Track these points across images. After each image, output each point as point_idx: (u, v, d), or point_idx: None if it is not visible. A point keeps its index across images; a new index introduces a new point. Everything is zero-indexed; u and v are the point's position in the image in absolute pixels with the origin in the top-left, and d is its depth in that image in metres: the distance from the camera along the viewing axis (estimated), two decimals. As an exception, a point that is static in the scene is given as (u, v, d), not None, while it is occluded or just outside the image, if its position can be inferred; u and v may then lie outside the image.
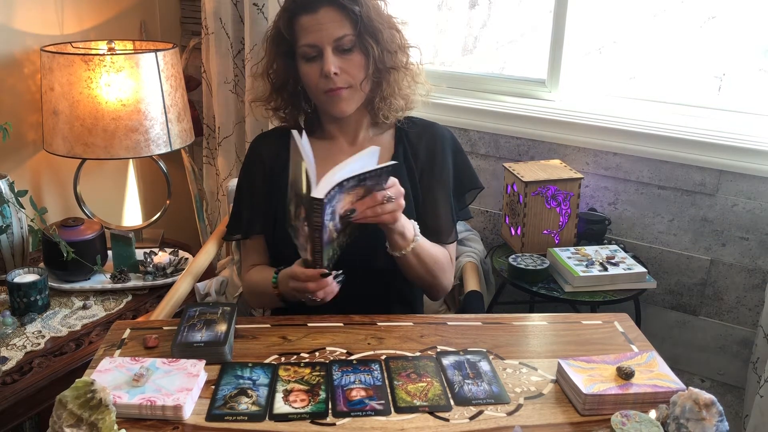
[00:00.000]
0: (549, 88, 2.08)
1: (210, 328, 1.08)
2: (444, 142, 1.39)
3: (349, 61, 1.25)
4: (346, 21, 1.23)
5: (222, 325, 1.09)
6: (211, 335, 1.07)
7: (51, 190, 2.19)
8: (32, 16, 2.03)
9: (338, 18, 1.23)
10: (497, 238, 2.12)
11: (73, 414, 0.80)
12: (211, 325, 1.09)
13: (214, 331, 1.08)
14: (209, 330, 1.08)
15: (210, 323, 1.10)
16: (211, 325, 1.09)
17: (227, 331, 1.07)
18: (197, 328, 1.09)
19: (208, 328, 1.09)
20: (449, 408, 0.95)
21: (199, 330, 1.08)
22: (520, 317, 1.22)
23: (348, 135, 1.37)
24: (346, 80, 1.25)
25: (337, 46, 1.24)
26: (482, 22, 2.34)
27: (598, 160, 1.94)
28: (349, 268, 1.17)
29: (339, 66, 1.24)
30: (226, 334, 1.07)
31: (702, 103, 1.94)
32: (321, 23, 1.23)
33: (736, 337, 1.88)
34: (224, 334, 1.07)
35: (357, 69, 1.26)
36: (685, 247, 1.89)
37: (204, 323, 1.10)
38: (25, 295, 1.60)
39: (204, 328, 1.09)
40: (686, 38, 2.00)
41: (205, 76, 2.36)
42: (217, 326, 1.09)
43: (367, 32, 1.25)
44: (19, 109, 2.03)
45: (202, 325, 1.09)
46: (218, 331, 1.07)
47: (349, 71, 1.25)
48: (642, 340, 1.13)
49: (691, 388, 0.87)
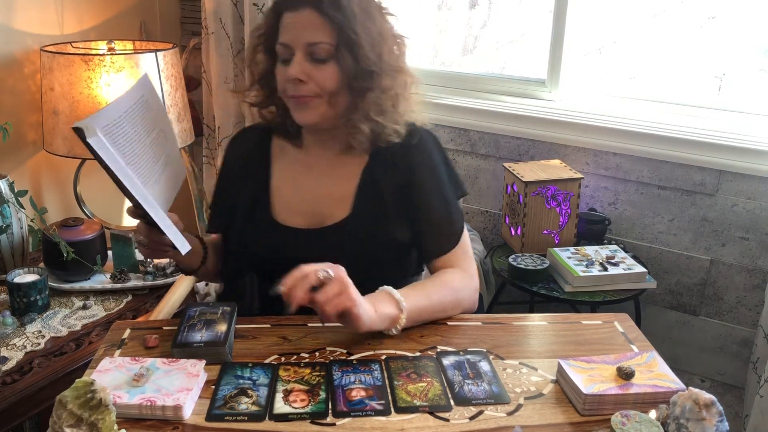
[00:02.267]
0: (549, 88, 2.08)
1: (210, 328, 1.08)
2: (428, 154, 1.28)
3: (321, 70, 1.15)
4: (326, 28, 1.14)
5: (222, 325, 1.09)
6: (211, 335, 1.07)
7: (51, 190, 2.19)
8: (32, 16, 2.03)
9: (318, 23, 1.14)
10: (497, 238, 2.12)
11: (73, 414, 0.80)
12: (211, 325, 1.09)
13: (214, 331, 1.08)
14: (209, 330, 1.08)
15: (210, 323, 1.10)
16: (211, 325, 1.09)
17: (227, 331, 1.07)
18: (197, 328, 1.09)
19: (208, 328, 1.09)
20: (449, 408, 0.95)
21: (199, 330, 1.08)
22: (520, 317, 1.22)
23: (323, 146, 1.28)
24: (312, 89, 1.16)
25: (310, 52, 1.15)
26: (482, 22, 2.34)
27: (598, 160, 1.94)
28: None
29: (308, 73, 1.15)
30: (226, 334, 1.07)
31: (702, 103, 1.94)
32: (299, 24, 1.15)
33: (736, 337, 1.88)
34: (224, 334, 1.07)
35: (328, 80, 1.16)
36: (685, 247, 1.89)
37: (204, 323, 1.10)
38: (25, 295, 1.60)
39: (204, 328, 1.09)
40: (686, 38, 2.00)
41: (205, 76, 2.36)
42: (217, 326, 1.09)
43: (345, 45, 1.15)
44: (19, 109, 2.03)
45: (202, 325, 1.09)
46: (218, 331, 1.07)
47: (318, 81, 1.15)
48: (642, 340, 1.13)
49: (691, 388, 0.87)
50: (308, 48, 1.15)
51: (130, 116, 1.08)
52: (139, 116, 1.11)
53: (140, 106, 1.11)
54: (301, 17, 1.15)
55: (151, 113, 1.14)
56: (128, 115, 1.08)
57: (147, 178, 1.11)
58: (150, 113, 1.13)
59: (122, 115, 1.06)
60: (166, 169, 1.20)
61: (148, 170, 1.12)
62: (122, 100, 1.08)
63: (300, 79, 1.15)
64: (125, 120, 1.07)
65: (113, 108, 1.06)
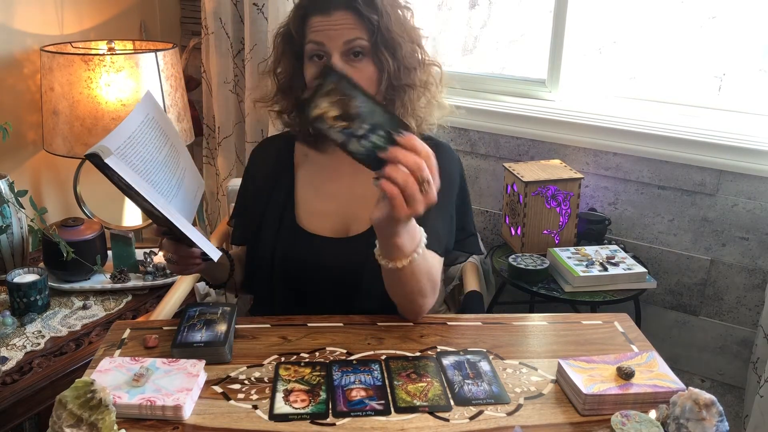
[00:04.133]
0: (549, 88, 2.08)
1: (210, 328, 1.08)
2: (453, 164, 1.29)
3: (358, 69, 1.15)
4: (361, 27, 1.14)
5: (222, 325, 1.09)
6: (211, 335, 1.07)
7: (51, 190, 2.19)
8: (32, 16, 2.03)
9: (353, 22, 1.14)
10: (497, 238, 2.12)
11: (73, 414, 0.80)
12: (211, 325, 1.09)
13: (214, 331, 1.08)
14: (209, 330, 1.08)
15: (210, 323, 1.10)
16: (211, 325, 1.09)
17: (227, 331, 1.07)
18: (197, 328, 1.09)
19: (208, 328, 1.09)
20: (449, 408, 0.95)
21: (199, 330, 1.08)
22: (520, 317, 1.22)
23: None
24: None
25: (347, 50, 1.14)
26: (482, 22, 2.34)
27: (598, 160, 1.94)
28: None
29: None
30: (226, 334, 1.07)
31: (702, 103, 1.94)
32: (333, 24, 1.14)
33: (736, 337, 1.88)
34: (224, 334, 1.07)
35: (366, 80, 1.15)
36: (685, 247, 1.89)
37: (204, 323, 1.10)
38: (24, 295, 1.60)
39: (204, 328, 1.09)
40: (686, 38, 2.00)
41: (205, 76, 2.36)
42: (217, 326, 1.09)
43: (383, 44, 1.15)
44: (19, 109, 2.03)
45: (202, 325, 1.09)
46: (218, 331, 1.07)
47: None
48: (642, 340, 1.13)
49: (691, 388, 0.87)
50: (345, 47, 1.14)
51: (140, 136, 1.07)
52: (149, 135, 1.10)
53: (148, 124, 1.09)
54: (335, 18, 1.14)
55: (160, 130, 1.12)
56: (138, 135, 1.06)
57: (166, 194, 1.10)
58: (158, 130, 1.12)
59: (131, 135, 1.05)
60: (182, 183, 1.18)
61: (166, 186, 1.11)
62: (129, 121, 1.07)
63: None
64: (135, 140, 1.05)
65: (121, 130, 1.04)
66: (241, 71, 2.26)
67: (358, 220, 1.24)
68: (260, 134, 2.24)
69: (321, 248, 1.24)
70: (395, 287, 1.10)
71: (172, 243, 1.14)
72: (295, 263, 1.25)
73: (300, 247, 1.25)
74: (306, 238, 1.25)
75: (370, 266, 1.09)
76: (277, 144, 1.36)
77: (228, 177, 2.35)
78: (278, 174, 1.31)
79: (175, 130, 1.18)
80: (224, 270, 1.31)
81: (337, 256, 1.23)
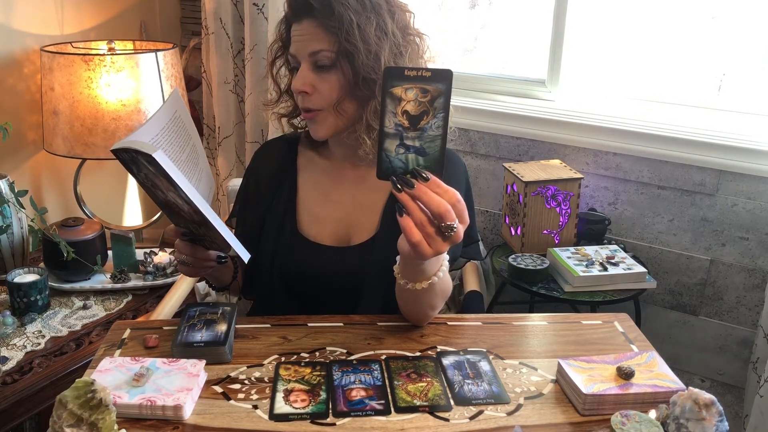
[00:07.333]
0: (549, 88, 2.08)
1: (210, 328, 1.08)
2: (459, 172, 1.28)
3: (324, 80, 1.13)
4: (326, 35, 1.12)
5: (222, 325, 1.09)
6: (211, 335, 1.07)
7: (51, 190, 2.19)
8: (32, 16, 2.03)
9: (318, 31, 1.12)
10: (497, 238, 2.12)
11: (73, 414, 0.80)
12: (211, 325, 1.09)
13: (214, 331, 1.08)
14: (209, 330, 1.08)
15: (210, 323, 1.10)
16: (211, 325, 1.09)
17: (227, 331, 1.07)
18: (197, 328, 1.09)
19: (208, 328, 1.09)
20: (449, 408, 0.95)
21: (199, 330, 1.08)
22: (520, 317, 1.22)
23: (348, 153, 1.25)
24: (317, 102, 1.14)
25: (314, 62, 1.13)
26: (482, 22, 2.34)
27: (598, 160, 1.95)
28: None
29: (312, 84, 1.13)
30: (226, 334, 1.07)
31: (702, 103, 1.94)
32: (302, 34, 1.14)
33: (736, 337, 1.88)
34: (224, 334, 1.07)
35: (330, 89, 1.14)
36: (685, 247, 1.89)
37: (204, 323, 1.10)
38: (25, 295, 1.60)
39: (204, 328, 1.09)
40: (686, 38, 2.00)
41: (205, 76, 2.36)
42: (217, 326, 1.09)
43: (343, 52, 1.12)
44: (19, 109, 2.03)
45: (202, 325, 1.09)
46: (218, 331, 1.07)
47: (321, 91, 1.13)
48: (642, 340, 1.13)
49: (691, 388, 0.87)
50: (311, 57, 1.14)
51: (167, 134, 1.06)
52: (174, 133, 1.08)
53: (174, 122, 1.08)
54: (303, 27, 1.14)
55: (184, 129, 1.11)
56: (165, 132, 1.05)
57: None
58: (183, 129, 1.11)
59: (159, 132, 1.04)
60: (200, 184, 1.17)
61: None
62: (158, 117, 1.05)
63: (305, 91, 1.14)
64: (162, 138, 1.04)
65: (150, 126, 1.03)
66: (241, 71, 2.26)
67: (360, 229, 1.24)
68: (260, 134, 2.24)
69: (321, 257, 1.23)
70: (409, 304, 1.10)
71: (188, 245, 1.12)
72: (295, 271, 1.24)
73: (300, 256, 1.24)
74: (306, 246, 1.24)
75: (372, 276, 1.09)
76: (281, 147, 1.35)
77: (228, 177, 2.35)
78: (281, 178, 1.31)
79: (196, 131, 1.17)
80: (228, 272, 1.31)
81: (337, 265, 1.22)
